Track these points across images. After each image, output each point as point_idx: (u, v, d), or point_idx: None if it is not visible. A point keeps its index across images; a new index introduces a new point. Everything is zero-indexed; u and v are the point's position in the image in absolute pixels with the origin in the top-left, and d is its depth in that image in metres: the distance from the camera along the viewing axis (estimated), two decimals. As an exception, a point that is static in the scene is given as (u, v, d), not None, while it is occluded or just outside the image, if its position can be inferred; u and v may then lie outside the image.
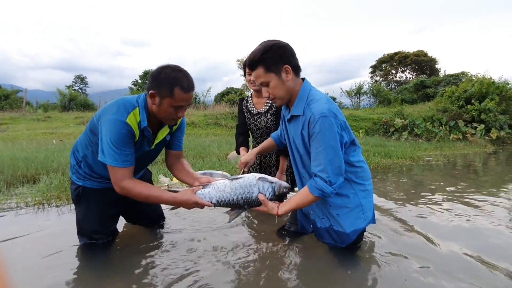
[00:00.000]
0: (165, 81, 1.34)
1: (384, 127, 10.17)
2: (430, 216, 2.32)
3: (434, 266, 1.49)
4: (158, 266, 1.49)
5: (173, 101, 1.35)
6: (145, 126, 1.41)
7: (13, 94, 17.70)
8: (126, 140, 1.36)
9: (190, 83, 1.38)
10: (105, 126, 1.35)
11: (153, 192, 1.42)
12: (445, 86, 13.98)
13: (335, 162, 1.28)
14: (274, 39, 1.39)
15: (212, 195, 1.42)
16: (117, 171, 1.37)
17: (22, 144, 5.51)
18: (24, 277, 1.38)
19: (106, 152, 1.34)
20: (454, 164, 5.43)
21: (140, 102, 1.42)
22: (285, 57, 1.34)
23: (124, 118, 1.35)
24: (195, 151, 5.04)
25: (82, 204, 1.59)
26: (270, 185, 1.41)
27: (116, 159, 1.35)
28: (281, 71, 1.33)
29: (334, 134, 1.26)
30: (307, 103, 1.34)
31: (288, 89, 1.36)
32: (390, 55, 28.43)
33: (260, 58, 1.32)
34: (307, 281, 1.37)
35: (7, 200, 2.47)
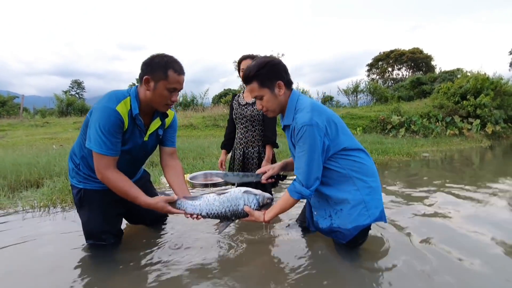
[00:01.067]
0: (159, 65, 1.41)
1: (382, 124, 10.24)
2: (430, 212, 2.38)
3: (435, 263, 1.53)
4: (164, 265, 1.55)
5: (168, 83, 1.41)
6: (137, 113, 1.46)
7: (9, 100, 17.65)
8: (114, 128, 1.39)
9: (181, 67, 1.46)
10: (95, 114, 1.39)
11: (132, 191, 1.45)
12: (441, 83, 14.08)
13: (312, 167, 1.39)
14: (269, 56, 1.51)
15: (202, 208, 1.52)
16: (101, 158, 1.40)
17: (23, 150, 5.54)
18: (33, 279, 1.43)
19: (93, 138, 1.38)
20: (451, 159, 5.51)
21: (131, 92, 1.48)
22: (279, 74, 1.45)
23: (114, 105, 1.39)
24: (195, 152, 5.09)
25: (85, 207, 1.61)
26: (254, 197, 1.53)
27: (101, 146, 1.38)
28: (274, 86, 1.44)
29: (315, 141, 1.36)
30: (294, 113, 1.45)
31: (280, 103, 1.48)
32: (386, 53, 28.59)
33: (255, 74, 1.42)
34: (308, 278, 1.42)
35: (13, 204, 2.51)
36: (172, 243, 1.77)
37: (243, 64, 2.22)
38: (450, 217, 2.22)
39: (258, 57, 1.51)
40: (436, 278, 1.38)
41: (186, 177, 3.44)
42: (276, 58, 1.50)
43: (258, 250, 1.70)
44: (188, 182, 3.30)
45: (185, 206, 1.53)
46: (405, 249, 1.67)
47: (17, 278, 1.42)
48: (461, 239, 1.81)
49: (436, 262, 1.53)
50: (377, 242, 1.74)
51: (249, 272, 1.45)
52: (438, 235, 1.86)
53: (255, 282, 1.37)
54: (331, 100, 18.57)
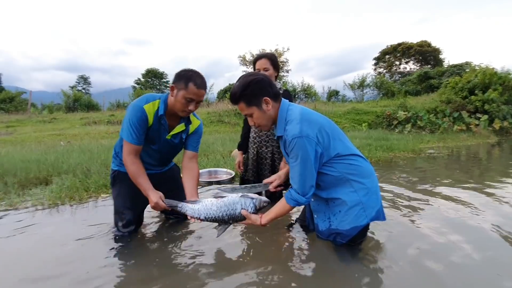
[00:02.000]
0: (184, 77, 1.64)
1: (387, 120, 10.16)
2: (433, 211, 2.39)
3: (437, 262, 1.55)
4: (165, 262, 1.60)
5: (186, 93, 1.62)
6: (162, 114, 1.70)
7: (17, 96, 17.93)
8: (140, 122, 1.65)
9: (203, 82, 1.67)
10: (128, 109, 1.69)
11: (140, 178, 1.67)
12: (449, 77, 13.86)
13: (306, 177, 1.43)
14: (252, 73, 1.54)
15: (201, 212, 1.59)
16: (127, 145, 1.67)
17: (31, 147, 5.66)
18: (47, 272, 1.49)
19: (124, 128, 1.67)
20: (458, 156, 5.46)
21: (163, 97, 1.74)
22: (264, 90, 1.48)
23: (142, 104, 1.66)
24: (199, 149, 5.12)
25: (116, 185, 1.90)
26: (251, 201, 1.59)
27: (128, 135, 1.65)
28: (261, 103, 1.48)
29: (306, 152, 1.40)
30: (285, 124, 1.49)
31: (269, 117, 1.52)
32: (394, 46, 28.13)
33: (240, 95, 1.48)
34: (307, 277, 1.45)
35: (23, 202, 2.59)
36: (176, 242, 1.82)
37: (258, 65, 2.21)
38: (454, 215, 2.22)
39: (241, 76, 1.55)
40: (437, 277, 1.40)
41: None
42: (260, 74, 1.54)
43: (258, 249, 1.73)
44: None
45: (185, 209, 1.62)
46: (406, 248, 1.69)
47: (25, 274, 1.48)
48: (466, 238, 1.81)
49: (438, 260, 1.54)
50: (377, 241, 1.76)
51: (249, 272, 1.48)
52: (441, 234, 1.87)
53: (254, 281, 1.40)
54: (337, 94, 18.45)
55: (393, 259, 1.56)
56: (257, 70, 2.20)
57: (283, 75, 18.36)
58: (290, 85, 17.18)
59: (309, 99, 16.85)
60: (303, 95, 17.31)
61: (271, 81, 1.53)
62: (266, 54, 2.26)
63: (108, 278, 1.45)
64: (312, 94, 17.19)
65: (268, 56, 2.23)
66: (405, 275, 1.44)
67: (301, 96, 17.20)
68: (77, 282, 1.41)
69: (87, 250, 1.74)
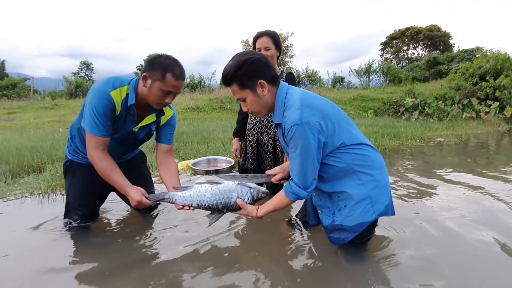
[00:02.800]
0: (160, 66, 1.42)
1: (394, 107, 9.89)
2: (442, 203, 2.24)
3: (446, 259, 1.43)
4: (151, 257, 1.48)
5: (163, 85, 1.42)
6: (132, 104, 1.48)
7: (20, 82, 17.85)
8: (106, 111, 1.43)
9: (182, 72, 1.46)
10: (90, 94, 1.45)
11: (113, 174, 1.49)
12: (459, 63, 13.38)
13: (307, 169, 1.27)
14: (247, 52, 1.35)
15: (193, 199, 1.45)
16: (91, 138, 1.46)
17: (30, 133, 5.57)
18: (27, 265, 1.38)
19: (87, 118, 1.44)
20: (466, 144, 5.25)
21: (132, 83, 1.51)
22: (259, 72, 1.30)
23: (108, 90, 1.43)
24: (199, 136, 5.00)
25: (68, 177, 1.74)
26: (248, 190, 1.46)
27: (93, 127, 1.43)
28: (256, 86, 1.30)
29: (307, 141, 1.23)
30: (284, 109, 1.32)
31: (265, 103, 1.34)
32: (402, 30, 27.17)
33: (233, 76, 1.30)
34: (310, 275, 1.34)
35: (12, 191, 2.49)
36: (163, 234, 1.70)
37: (259, 43, 2.01)
38: (464, 206, 2.07)
39: (235, 55, 1.35)
40: (447, 275, 1.28)
41: (188, 163, 3.36)
42: (256, 53, 1.34)
43: (256, 244, 1.61)
44: (190, 168, 3.24)
45: (174, 199, 1.47)
46: (415, 243, 1.56)
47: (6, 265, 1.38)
48: (476, 232, 1.67)
49: (448, 256, 1.43)
50: (384, 237, 1.63)
51: (245, 269, 1.36)
52: (450, 227, 1.74)
53: (250, 279, 1.29)
54: (342, 81, 18.06)
55: (401, 256, 1.44)
56: (258, 49, 2.01)
57: (288, 61, 17.94)
58: (295, 70, 16.81)
59: (313, 85, 16.51)
60: (308, 81, 16.95)
61: (269, 62, 1.34)
62: (267, 31, 2.04)
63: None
64: (316, 80, 16.83)
65: (270, 33, 2.03)
66: (414, 273, 1.31)
67: (305, 82, 16.85)
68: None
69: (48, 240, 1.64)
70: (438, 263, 1.40)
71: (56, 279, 1.31)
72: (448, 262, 1.41)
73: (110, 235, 1.74)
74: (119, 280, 1.31)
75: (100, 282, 1.30)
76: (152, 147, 3.99)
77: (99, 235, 1.74)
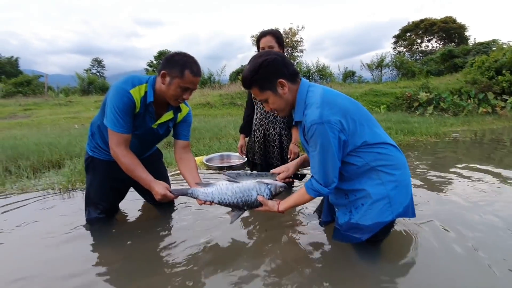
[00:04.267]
0: (178, 63, 1.46)
1: (408, 102, 9.67)
2: (460, 202, 2.20)
3: (463, 261, 1.41)
4: (168, 251, 1.51)
5: (182, 82, 1.47)
6: (151, 101, 1.53)
7: (34, 79, 18.27)
8: (126, 109, 1.48)
9: (199, 69, 1.51)
10: (111, 92, 1.49)
11: (137, 170, 1.53)
12: (475, 56, 12.94)
13: (328, 167, 1.28)
14: (262, 53, 1.35)
15: (214, 196, 1.49)
16: (114, 135, 1.50)
17: (46, 130, 5.72)
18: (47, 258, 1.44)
19: (108, 116, 1.48)
20: (482, 140, 5.11)
21: (150, 81, 1.55)
22: (278, 72, 1.30)
23: (128, 88, 1.47)
24: (211, 132, 5.03)
25: (89, 173, 1.79)
26: (266, 186, 1.49)
27: (115, 124, 1.47)
28: (276, 86, 1.31)
29: (327, 140, 1.23)
30: (304, 107, 1.31)
31: (287, 101, 1.35)
32: (416, 23, 26.41)
33: (252, 80, 1.32)
34: (321, 272, 1.35)
35: (35, 186, 2.57)
36: (182, 229, 1.73)
37: (262, 43, 2.05)
38: (483, 206, 2.02)
39: (252, 58, 1.36)
40: (463, 279, 1.25)
41: (202, 159, 3.40)
42: (272, 53, 1.35)
43: (269, 241, 1.62)
44: (204, 165, 3.27)
45: (197, 194, 1.51)
46: (430, 245, 1.53)
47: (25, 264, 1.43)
48: (495, 233, 1.63)
49: (465, 260, 1.40)
50: (399, 237, 1.61)
51: (260, 266, 1.38)
52: (467, 228, 1.70)
53: (265, 277, 1.30)
54: (353, 75, 17.75)
55: (415, 257, 1.43)
56: (261, 48, 2.04)
57: (297, 55, 17.75)
58: (305, 65, 16.61)
59: (324, 80, 16.30)
60: (318, 76, 16.74)
61: (286, 59, 1.34)
62: (270, 31, 2.08)
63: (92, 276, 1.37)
64: (327, 75, 16.59)
65: (272, 33, 2.06)
66: (428, 276, 1.29)
67: (315, 77, 16.65)
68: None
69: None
70: (452, 268, 1.37)
71: (75, 271, 1.36)
72: (464, 270, 1.39)
73: (128, 230, 1.79)
74: (136, 274, 1.34)
75: (117, 275, 1.34)
76: (166, 143, 4.04)
77: (118, 229, 1.80)
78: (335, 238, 1.48)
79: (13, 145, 3.73)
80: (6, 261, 1.48)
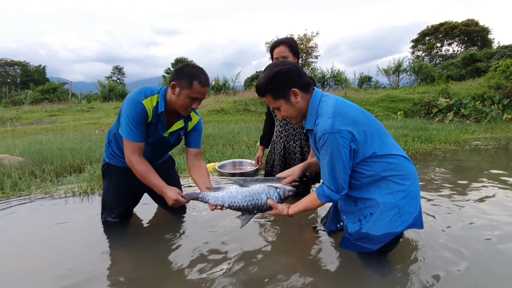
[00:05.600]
0: (187, 75, 1.53)
1: (426, 108, 9.42)
2: (477, 215, 2.12)
3: (474, 274, 1.37)
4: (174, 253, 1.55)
5: (190, 92, 1.54)
6: (162, 111, 1.60)
7: (60, 87, 19.24)
8: (140, 119, 1.55)
9: (207, 80, 1.57)
10: (125, 103, 1.58)
11: (151, 177, 1.60)
12: (499, 59, 12.43)
13: (338, 175, 1.29)
14: (278, 63, 1.38)
15: (225, 200, 1.52)
16: (128, 144, 1.58)
17: (69, 135, 6.00)
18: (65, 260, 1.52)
19: (123, 125, 1.56)
20: (507, 148, 4.88)
21: (161, 92, 1.62)
22: (291, 81, 1.34)
23: (140, 99, 1.55)
24: (224, 139, 5.10)
25: (106, 179, 1.88)
26: (275, 190, 1.51)
27: (129, 133, 1.55)
28: (289, 95, 1.35)
29: (338, 149, 1.25)
30: (316, 117, 1.34)
31: (299, 110, 1.39)
32: (435, 26, 25.74)
33: (266, 88, 1.36)
34: (328, 281, 1.35)
35: (57, 190, 2.71)
36: (194, 234, 1.77)
37: (276, 53, 2.04)
38: (499, 219, 1.94)
39: (267, 66, 1.41)
40: None
41: (214, 165, 3.46)
42: (287, 63, 1.38)
43: (277, 248, 1.63)
44: (216, 171, 3.33)
45: (207, 198, 1.56)
46: (441, 259, 1.49)
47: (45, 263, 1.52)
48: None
49: (477, 269, 1.35)
50: (408, 248, 1.58)
51: (266, 271, 1.39)
52: (483, 243, 1.64)
53: (272, 282, 1.31)
54: (369, 80, 17.48)
55: (424, 271, 1.39)
56: (275, 58, 2.03)
57: (312, 61, 17.71)
58: (319, 71, 16.54)
59: (339, 86, 16.15)
60: (333, 81, 16.61)
61: (300, 69, 1.38)
62: (284, 39, 2.05)
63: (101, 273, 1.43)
64: (342, 81, 16.43)
65: (287, 42, 2.03)
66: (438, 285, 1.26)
67: (330, 83, 16.52)
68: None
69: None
70: (461, 282, 1.33)
71: (89, 273, 1.43)
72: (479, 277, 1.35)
73: (142, 234, 1.86)
74: (150, 278, 1.39)
75: (132, 278, 1.40)
76: (179, 150, 4.15)
77: (132, 233, 1.87)
78: (344, 247, 1.48)
79: (39, 150, 3.94)
80: (23, 261, 1.58)
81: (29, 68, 31.72)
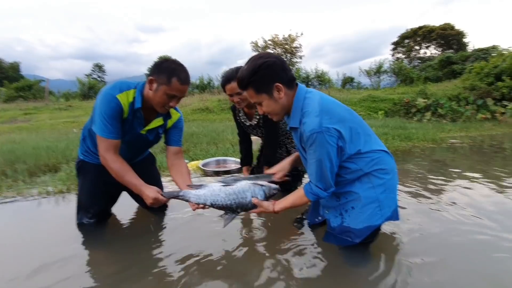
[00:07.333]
0: (166, 70, 1.44)
1: (405, 108, 9.72)
2: (453, 206, 2.20)
3: (453, 264, 1.42)
4: (157, 257, 1.51)
5: (169, 89, 1.44)
6: (139, 107, 1.51)
7: (36, 84, 18.40)
8: (115, 114, 1.47)
9: (187, 77, 1.48)
10: (98, 99, 1.48)
11: (127, 176, 1.51)
12: (474, 62, 13.03)
13: (326, 174, 1.29)
14: (262, 55, 1.31)
15: (207, 197, 1.46)
16: (102, 141, 1.49)
17: (45, 134, 5.74)
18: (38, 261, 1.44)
19: (97, 122, 1.47)
20: (481, 146, 5.12)
21: (138, 87, 1.53)
22: (275, 75, 1.28)
23: (115, 93, 1.46)
24: (208, 137, 5.04)
25: (80, 177, 1.79)
26: (260, 188, 1.48)
27: (104, 130, 1.46)
28: (272, 90, 1.29)
29: (326, 148, 1.24)
30: (301, 115, 1.31)
31: (282, 106, 1.34)
32: (414, 29, 26.64)
33: (249, 81, 1.29)
34: (311, 275, 1.35)
35: (30, 190, 2.58)
36: (175, 233, 1.73)
37: (228, 90, 1.93)
38: (476, 210, 2.02)
39: (250, 58, 1.33)
40: (451, 277, 1.26)
41: (198, 163, 3.41)
42: (272, 55, 1.30)
43: (260, 244, 1.62)
44: (200, 169, 3.28)
45: (188, 196, 1.49)
46: (418, 249, 1.54)
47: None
48: (485, 238, 1.64)
49: (452, 265, 1.40)
50: (388, 241, 1.62)
51: (250, 271, 1.38)
52: (458, 234, 1.71)
53: (255, 278, 1.30)
54: (352, 81, 17.85)
55: (403, 261, 1.42)
56: (229, 95, 1.96)
57: (296, 61, 17.88)
58: (304, 71, 16.72)
59: (322, 86, 16.39)
60: (317, 82, 16.84)
61: (285, 64, 1.33)
62: (236, 73, 1.67)
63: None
64: (326, 81, 16.70)
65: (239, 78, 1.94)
66: (416, 280, 1.30)
67: (314, 83, 16.74)
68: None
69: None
70: (443, 266, 1.38)
71: (66, 276, 1.36)
72: (453, 265, 1.39)
73: (121, 235, 1.79)
74: (129, 280, 1.34)
75: (111, 281, 1.34)
76: (162, 148, 4.06)
77: (110, 234, 1.80)
78: (327, 241, 1.49)
79: (11, 149, 3.74)
80: (-3, 264, 1.48)
81: (3, 65, 30.15)
